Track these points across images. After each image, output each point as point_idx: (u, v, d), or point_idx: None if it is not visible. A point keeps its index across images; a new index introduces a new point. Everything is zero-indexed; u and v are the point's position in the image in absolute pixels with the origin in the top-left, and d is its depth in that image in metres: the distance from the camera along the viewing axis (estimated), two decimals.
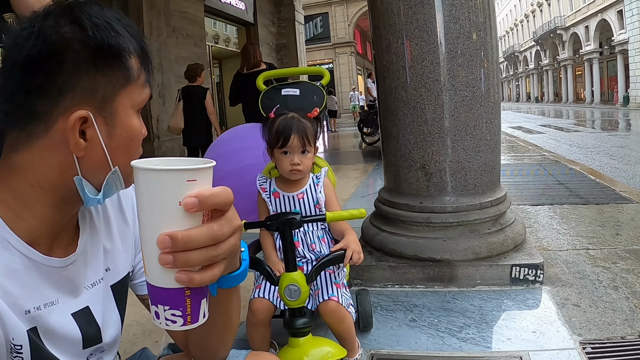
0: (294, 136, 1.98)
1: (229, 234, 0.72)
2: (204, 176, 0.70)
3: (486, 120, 3.09)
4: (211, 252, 0.70)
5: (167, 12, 11.78)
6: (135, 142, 0.90)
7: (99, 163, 0.86)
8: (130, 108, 0.88)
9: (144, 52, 0.90)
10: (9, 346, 0.82)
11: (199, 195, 0.67)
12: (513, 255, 3.01)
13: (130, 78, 0.86)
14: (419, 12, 3.01)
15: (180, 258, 0.68)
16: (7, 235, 0.83)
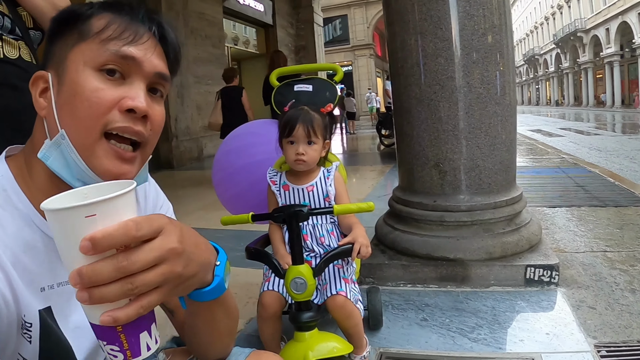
0: (299, 125, 1.98)
1: (145, 264, 0.65)
2: (105, 208, 0.63)
3: (501, 119, 3.05)
4: (126, 285, 0.64)
5: (185, 13, 11.88)
6: (81, 100, 0.84)
7: (54, 124, 0.85)
8: (82, 64, 0.85)
9: (123, 12, 0.89)
10: (20, 322, 0.83)
11: (92, 238, 0.61)
12: (528, 256, 2.97)
13: (84, 35, 0.86)
14: (433, 8, 2.98)
15: (94, 294, 0.63)
16: (31, 213, 0.86)
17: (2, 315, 0.79)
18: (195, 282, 0.79)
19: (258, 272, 3.13)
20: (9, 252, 0.81)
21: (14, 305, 0.81)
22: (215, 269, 0.85)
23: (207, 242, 0.86)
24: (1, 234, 0.81)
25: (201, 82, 12.70)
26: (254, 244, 2.08)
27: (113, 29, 0.86)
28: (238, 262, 3.56)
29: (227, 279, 0.91)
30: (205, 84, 12.67)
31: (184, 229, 0.76)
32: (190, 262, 0.73)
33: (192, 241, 0.76)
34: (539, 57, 72.53)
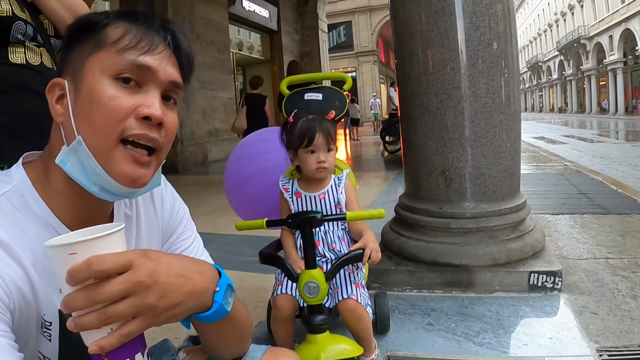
0: (319, 134, 2.02)
1: (111, 295, 0.72)
2: (85, 248, 0.72)
3: (506, 127, 3.11)
4: (101, 315, 0.72)
5: (191, 18, 11.93)
6: (98, 108, 0.87)
7: (71, 131, 0.89)
8: (99, 72, 0.88)
9: (138, 22, 0.92)
10: (40, 321, 0.88)
11: (67, 272, 0.71)
12: (532, 262, 3.02)
13: (101, 44, 0.89)
14: (440, 19, 3.04)
15: (77, 322, 0.72)
16: (48, 216, 0.90)
17: (22, 313, 0.84)
18: (185, 309, 0.83)
19: (266, 277, 3.19)
20: (28, 253, 0.85)
21: (34, 304, 0.86)
22: (215, 295, 0.90)
23: (205, 270, 0.90)
24: (21, 236, 0.85)
25: (206, 87, 12.76)
26: (267, 249, 2.13)
27: (129, 38, 0.88)
28: (246, 266, 3.63)
29: (230, 301, 0.94)
30: (210, 89, 12.75)
31: (165, 261, 0.82)
32: (167, 293, 0.78)
33: (173, 272, 0.81)
34: (543, 64, 72.52)
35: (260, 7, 17.36)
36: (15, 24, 1.71)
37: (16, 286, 0.82)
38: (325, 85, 2.80)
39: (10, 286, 0.81)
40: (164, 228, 1.17)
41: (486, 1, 3.01)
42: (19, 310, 0.83)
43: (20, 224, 0.86)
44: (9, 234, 0.83)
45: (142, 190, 0.96)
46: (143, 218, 1.12)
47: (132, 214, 1.09)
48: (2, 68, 1.68)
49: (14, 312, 0.82)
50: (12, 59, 1.71)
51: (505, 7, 3.08)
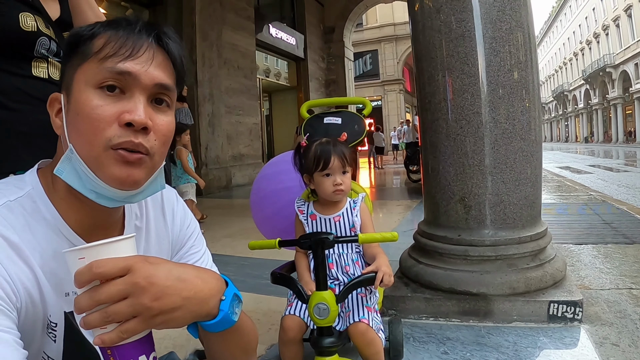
0: (334, 157, 2.03)
1: (110, 295, 0.77)
2: (92, 254, 0.78)
3: (526, 154, 3.07)
4: (102, 314, 0.77)
5: (219, 44, 12.10)
6: (83, 118, 0.89)
7: (67, 142, 0.92)
8: (84, 84, 0.90)
9: (120, 30, 0.93)
10: (46, 322, 0.91)
11: (74, 277, 0.77)
12: (552, 292, 2.95)
13: (86, 56, 0.91)
14: (459, 45, 3.04)
15: (84, 320, 0.78)
16: (58, 223, 0.93)
17: (28, 313, 0.87)
18: (185, 314, 0.85)
19: (281, 300, 3.17)
20: (37, 255, 0.89)
21: (41, 305, 0.89)
22: (221, 303, 0.92)
23: (209, 277, 0.92)
24: (31, 239, 0.89)
25: (232, 112, 12.90)
26: (279, 269, 2.12)
27: (111, 46, 0.90)
28: (262, 289, 3.62)
29: (237, 312, 0.95)
30: (236, 114, 12.87)
31: (165, 266, 0.85)
32: (164, 295, 0.81)
33: (173, 276, 0.84)
34: (568, 94, 71.97)
35: (287, 35, 17.59)
36: (40, 39, 1.81)
37: (24, 286, 0.85)
38: (344, 109, 2.80)
39: (18, 285, 0.84)
40: (174, 241, 1.20)
41: (506, 27, 3.01)
42: (25, 310, 0.86)
43: (31, 228, 0.90)
44: (19, 236, 0.87)
45: (140, 195, 0.98)
46: (153, 230, 1.15)
47: (142, 226, 1.12)
48: (26, 81, 1.79)
49: (20, 311, 0.85)
50: (35, 73, 1.81)
51: (525, 34, 3.07)
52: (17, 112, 1.75)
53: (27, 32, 1.76)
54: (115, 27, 0.92)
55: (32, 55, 1.80)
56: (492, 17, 3.01)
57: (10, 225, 0.86)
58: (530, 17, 3.16)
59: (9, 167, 1.70)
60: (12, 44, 1.74)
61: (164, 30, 0.97)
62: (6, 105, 1.73)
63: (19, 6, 1.76)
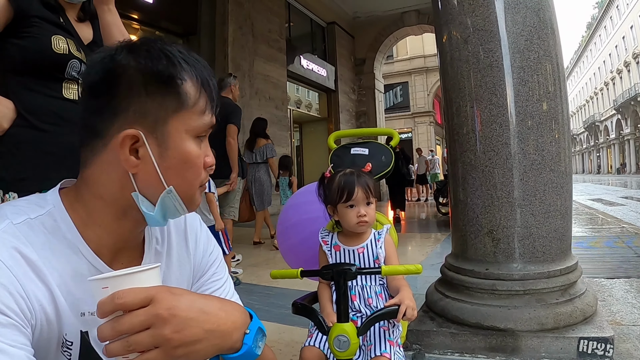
0: (358, 188, 2.01)
1: (131, 326, 0.78)
2: (116, 283, 0.79)
3: (556, 186, 3.02)
4: (124, 343, 0.79)
5: (251, 74, 12.26)
6: (190, 166, 0.96)
7: (153, 181, 0.94)
8: (184, 132, 0.94)
9: (205, 81, 0.97)
10: (61, 340, 0.91)
11: (97, 307, 0.79)
12: (581, 328, 2.85)
13: (184, 104, 0.93)
14: (487, 75, 3.02)
15: (106, 349, 0.80)
16: (78, 242, 0.94)
17: (43, 330, 0.87)
18: (208, 347, 0.86)
19: (304, 331, 3.12)
20: (56, 274, 0.89)
21: (56, 323, 0.89)
22: (245, 337, 0.92)
23: (232, 310, 0.94)
24: (50, 257, 0.89)
25: None
26: (301, 299, 2.09)
27: (203, 99, 0.96)
28: (286, 319, 3.59)
29: (261, 345, 0.95)
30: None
31: (188, 297, 0.87)
32: (185, 328, 0.82)
33: (196, 308, 0.85)
34: (600, 124, 71.25)
35: (318, 66, 17.74)
36: (71, 62, 1.87)
37: (39, 304, 0.86)
38: (371, 140, 2.80)
39: (33, 303, 0.84)
40: (196, 268, 1.20)
41: (534, 56, 2.99)
42: (39, 327, 0.86)
43: (51, 246, 0.90)
44: (38, 254, 0.87)
45: None
46: (175, 256, 1.15)
47: (162, 251, 1.13)
48: (57, 102, 1.85)
49: (34, 328, 0.85)
50: (65, 94, 1.88)
51: (554, 63, 3.05)
52: (46, 133, 1.80)
53: (59, 55, 1.83)
54: (207, 80, 0.98)
55: (63, 77, 1.87)
56: (520, 47, 3.00)
57: (29, 243, 0.87)
58: (558, 47, 3.13)
59: (36, 186, 1.73)
60: (44, 65, 1.81)
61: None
62: (36, 126, 1.78)
63: (52, 29, 1.83)
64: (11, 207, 0.93)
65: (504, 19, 3.03)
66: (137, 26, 10.48)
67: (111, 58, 0.91)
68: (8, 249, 0.84)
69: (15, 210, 0.91)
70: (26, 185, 1.74)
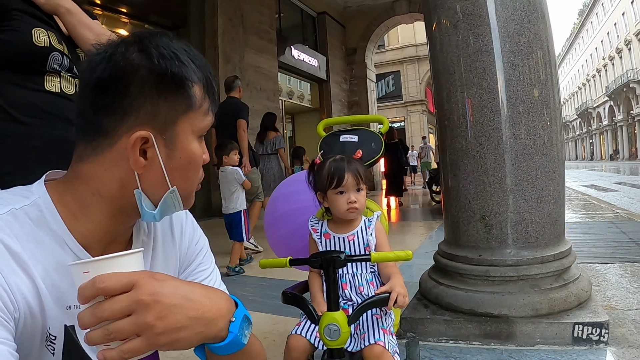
0: (348, 174, 1.99)
1: (112, 312, 0.76)
2: (97, 268, 0.77)
3: (548, 171, 3.00)
4: (104, 331, 0.76)
5: (242, 66, 12.21)
6: (194, 166, 0.99)
7: (158, 181, 0.95)
8: (191, 133, 0.96)
9: (209, 82, 0.98)
10: (45, 334, 0.90)
11: (78, 292, 0.77)
12: (576, 313, 2.84)
13: (193, 105, 0.95)
14: (477, 59, 3.00)
15: (87, 336, 0.77)
16: (65, 235, 0.92)
17: (27, 324, 0.85)
18: (192, 334, 0.83)
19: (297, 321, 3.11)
20: (40, 267, 0.87)
21: (40, 317, 0.88)
22: (230, 325, 0.90)
23: (217, 298, 0.91)
24: (34, 249, 0.88)
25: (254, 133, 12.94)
26: (291, 289, 2.07)
27: (207, 100, 0.98)
28: (280, 310, 3.56)
29: (247, 334, 0.94)
30: None
31: (172, 283, 0.84)
32: (168, 314, 0.79)
33: (180, 295, 0.82)
34: (592, 111, 71.47)
35: (309, 57, 17.69)
36: (52, 54, 1.85)
37: (23, 297, 0.84)
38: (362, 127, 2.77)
39: (17, 296, 0.83)
40: (182, 258, 1.19)
41: (524, 40, 2.97)
42: (23, 321, 0.85)
43: (36, 238, 0.89)
44: (22, 246, 0.86)
45: None
46: (160, 247, 1.14)
47: (149, 241, 1.12)
48: (38, 95, 1.83)
49: (18, 322, 0.84)
50: (47, 87, 1.86)
51: (545, 48, 3.03)
52: (29, 126, 1.78)
53: (40, 47, 1.80)
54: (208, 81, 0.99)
55: (44, 70, 1.83)
56: (510, 31, 2.97)
57: (13, 234, 0.85)
58: (549, 31, 3.11)
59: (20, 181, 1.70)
60: (25, 58, 1.78)
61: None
62: (19, 120, 1.75)
63: (32, 22, 1.80)
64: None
65: (494, 2, 3.00)
66: (125, 20, 10.42)
67: (122, 55, 0.90)
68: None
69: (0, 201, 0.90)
70: (10, 180, 1.71)
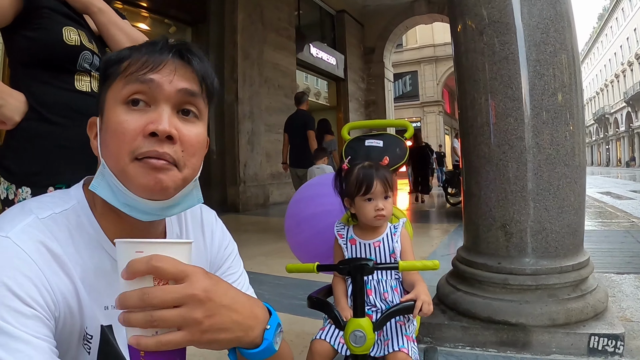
0: (377, 182, 2.00)
1: (162, 301, 0.75)
2: (151, 249, 0.76)
3: (570, 181, 3.00)
4: (147, 316, 0.74)
5: (260, 62, 12.23)
6: (112, 135, 0.91)
7: None
8: (113, 102, 0.93)
9: (140, 49, 0.95)
10: (82, 334, 0.92)
11: (128, 265, 0.75)
12: (592, 324, 2.84)
13: (114, 77, 0.94)
14: (503, 67, 2.99)
15: (126, 317, 0.75)
16: (100, 238, 0.96)
17: (66, 323, 0.88)
18: (230, 338, 0.84)
19: (316, 323, 3.14)
20: (79, 269, 0.91)
21: (79, 317, 0.90)
22: (265, 332, 0.91)
23: (256, 307, 0.92)
24: (73, 252, 0.91)
25: (272, 130, 12.98)
26: (316, 293, 2.09)
27: (134, 64, 0.92)
28: (297, 310, 3.59)
29: (278, 341, 0.95)
30: (275, 132, 12.93)
31: (223, 284, 0.86)
32: (217, 314, 0.80)
33: (228, 297, 0.84)
34: (610, 116, 70.67)
35: (327, 55, 17.68)
36: (83, 53, 1.84)
37: (63, 297, 0.87)
38: (385, 132, 2.78)
39: (57, 295, 0.85)
40: (211, 261, 1.21)
41: (550, 49, 2.96)
42: (62, 320, 0.87)
43: (74, 241, 0.92)
44: (62, 248, 0.89)
45: (175, 208, 0.99)
46: (193, 248, 1.14)
47: None
48: (68, 95, 1.82)
49: (58, 320, 0.86)
50: (77, 87, 1.85)
51: (570, 56, 3.02)
52: (59, 126, 1.77)
53: (71, 46, 1.80)
54: (139, 49, 0.95)
55: (74, 69, 1.84)
56: (536, 40, 2.96)
57: (54, 238, 0.88)
58: (574, 39, 3.11)
59: (48, 180, 1.72)
60: (55, 57, 1.78)
61: (187, 47, 0.97)
62: (49, 119, 1.76)
63: (62, 20, 1.80)
64: (36, 202, 0.94)
65: (520, 10, 2.99)
66: (146, 14, 10.46)
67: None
68: (34, 242, 0.85)
69: (41, 205, 0.93)
70: (39, 180, 1.72)
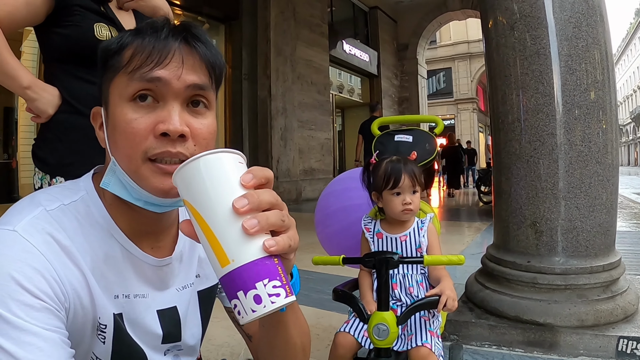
0: (405, 176, 2.01)
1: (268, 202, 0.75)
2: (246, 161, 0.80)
3: (602, 179, 2.94)
4: (279, 214, 0.76)
5: (293, 59, 12.26)
6: (121, 134, 0.88)
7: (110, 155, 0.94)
8: (118, 98, 0.89)
9: (144, 38, 0.90)
10: (96, 324, 0.92)
11: (252, 170, 0.76)
12: (622, 327, 2.79)
13: (117, 69, 0.90)
14: (534, 62, 2.96)
15: (262, 218, 0.73)
16: (110, 227, 0.95)
17: (78, 315, 0.88)
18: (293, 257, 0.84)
19: (343, 317, 3.14)
20: (88, 259, 0.90)
21: (90, 307, 0.90)
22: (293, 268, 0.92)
23: None
24: (83, 242, 0.90)
25: (305, 126, 13.03)
26: (341, 286, 2.11)
27: (138, 57, 0.87)
28: (325, 304, 3.61)
29: (297, 289, 0.93)
30: (308, 129, 12.99)
31: None
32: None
33: None
34: None
35: (360, 51, 17.65)
36: None
37: (73, 288, 0.86)
38: (415, 127, 2.78)
39: (67, 287, 0.85)
40: None
41: (582, 44, 2.91)
42: (73, 311, 0.87)
43: (84, 231, 0.91)
44: (71, 239, 0.88)
45: None
46: None
47: None
48: None
49: (68, 312, 0.86)
50: None
51: (602, 52, 2.97)
52: None
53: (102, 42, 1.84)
54: (141, 35, 0.90)
55: None
56: (568, 34, 2.92)
57: (62, 229, 0.88)
58: (607, 34, 3.05)
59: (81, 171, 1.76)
60: (87, 52, 1.79)
61: (193, 31, 0.92)
62: (82, 112, 1.80)
63: (93, 17, 1.85)
64: (45, 194, 0.94)
65: (552, 5, 2.95)
66: (179, 12, 10.57)
67: None
68: (42, 234, 0.85)
69: (49, 197, 0.93)
70: (72, 170, 1.76)
